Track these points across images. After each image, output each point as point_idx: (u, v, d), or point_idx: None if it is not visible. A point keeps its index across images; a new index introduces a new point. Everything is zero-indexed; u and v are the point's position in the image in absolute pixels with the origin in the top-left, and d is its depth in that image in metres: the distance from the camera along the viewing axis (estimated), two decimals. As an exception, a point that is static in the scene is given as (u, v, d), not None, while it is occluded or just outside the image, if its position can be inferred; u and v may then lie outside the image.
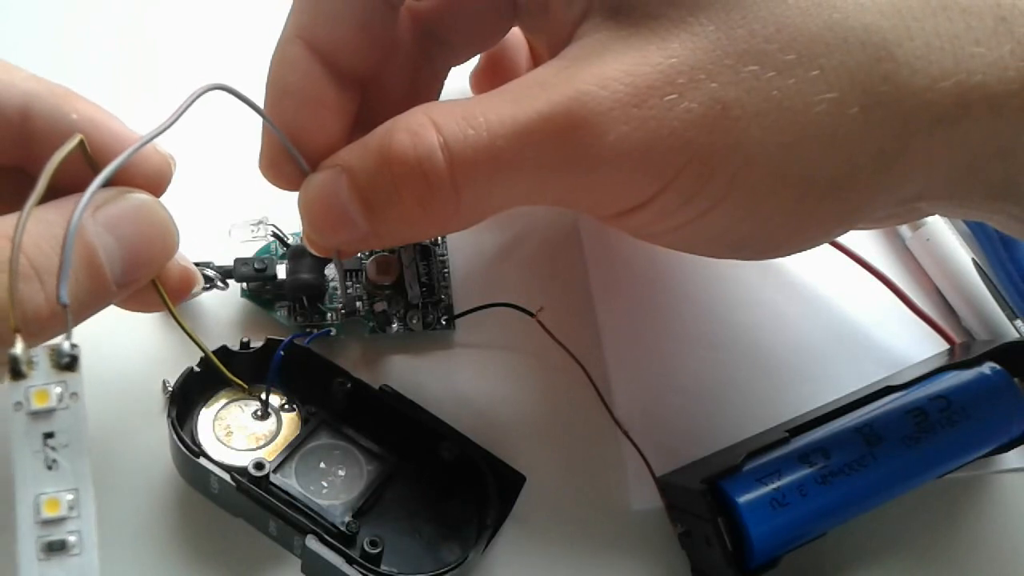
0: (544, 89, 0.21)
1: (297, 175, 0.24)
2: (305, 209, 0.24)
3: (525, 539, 0.29)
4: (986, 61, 0.20)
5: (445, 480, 0.28)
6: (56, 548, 0.19)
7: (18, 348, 0.18)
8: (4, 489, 0.26)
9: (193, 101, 0.21)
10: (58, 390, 0.19)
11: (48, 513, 0.19)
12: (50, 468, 0.19)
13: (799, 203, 0.22)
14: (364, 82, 0.26)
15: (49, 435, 0.19)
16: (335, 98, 0.24)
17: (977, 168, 0.21)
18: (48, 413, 0.19)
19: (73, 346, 0.19)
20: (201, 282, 0.25)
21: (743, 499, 0.26)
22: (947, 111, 0.20)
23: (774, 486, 0.26)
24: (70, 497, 0.19)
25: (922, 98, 0.20)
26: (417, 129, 0.21)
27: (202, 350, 0.25)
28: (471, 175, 0.21)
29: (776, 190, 0.21)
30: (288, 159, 0.24)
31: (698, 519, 0.27)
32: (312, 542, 0.24)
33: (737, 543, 0.26)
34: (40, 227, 0.19)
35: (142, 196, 0.21)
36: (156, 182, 0.22)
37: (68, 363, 0.19)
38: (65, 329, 0.20)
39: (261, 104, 0.24)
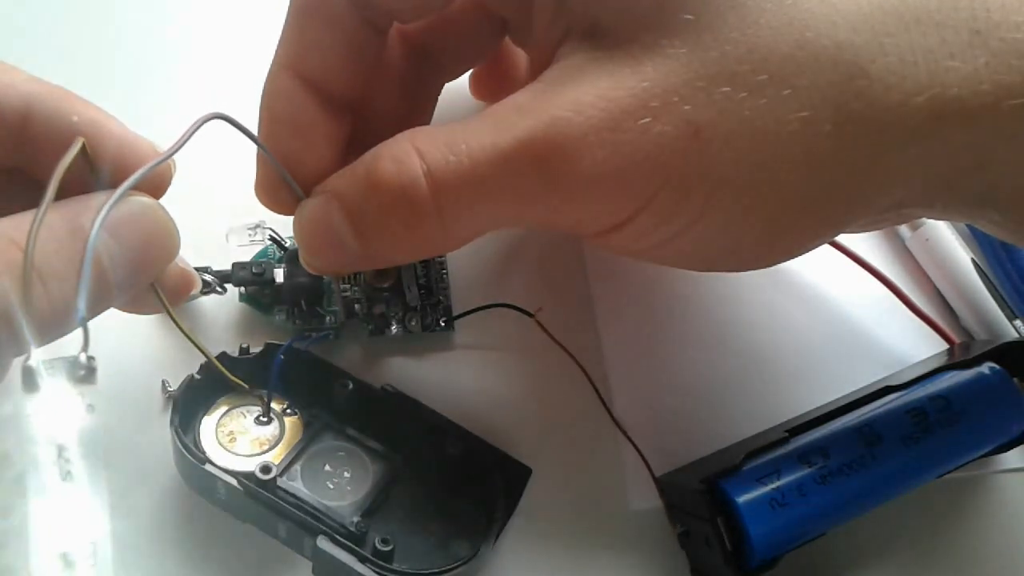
0: (522, 115, 0.21)
1: (292, 200, 0.25)
2: (299, 234, 0.24)
3: (524, 539, 0.29)
4: (961, 75, 0.20)
5: (451, 476, 0.28)
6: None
7: (34, 360, 0.18)
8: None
9: (195, 130, 0.21)
10: (74, 402, 0.19)
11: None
12: (64, 480, 0.19)
13: (775, 221, 0.22)
14: (356, 106, 0.26)
15: (63, 448, 0.19)
16: (326, 125, 0.25)
17: (955, 179, 0.22)
18: (62, 426, 0.19)
19: (90, 359, 0.19)
20: (199, 284, 0.25)
21: (742, 499, 0.26)
22: (922, 125, 0.20)
23: (773, 486, 0.26)
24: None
25: (896, 113, 0.20)
26: (401, 157, 0.22)
27: (200, 351, 0.25)
28: (454, 200, 0.22)
29: (751, 209, 0.21)
30: (283, 185, 0.24)
31: (697, 519, 0.27)
32: (324, 543, 0.24)
33: (736, 543, 0.26)
34: (42, 231, 0.19)
35: (144, 199, 0.21)
36: (156, 184, 0.22)
37: (84, 376, 0.19)
38: (63, 332, 0.20)
39: (255, 130, 0.24)
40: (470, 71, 0.32)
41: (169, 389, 0.28)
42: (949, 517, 0.31)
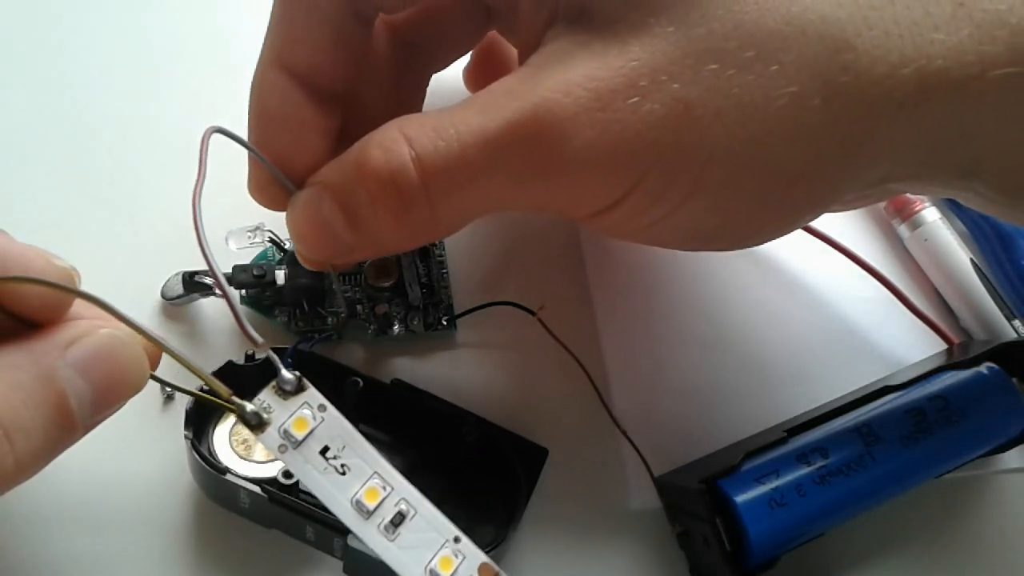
0: (510, 98, 0.21)
1: (286, 196, 0.25)
2: (293, 227, 0.24)
3: (523, 538, 0.29)
4: (946, 47, 0.20)
5: (468, 464, 0.28)
6: (397, 522, 0.21)
7: (249, 406, 0.21)
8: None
9: (207, 149, 0.22)
10: (307, 412, 0.21)
11: (370, 503, 0.21)
12: (344, 474, 0.21)
13: (766, 195, 0.22)
14: (345, 99, 0.26)
15: (324, 450, 0.21)
16: (315, 118, 0.25)
17: (941, 151, 0.22)
18: (311, 434, 0.21)
19: (293, 373, 0.21)
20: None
21: (741, 499, 0.26)
22: (908, 97, 0.20)
23: (772, 486, 0.26)
24: (376, 481, 0.21)
25: (883, 86, 0.20)
26: (389, 144, 0.22)
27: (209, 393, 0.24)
28: (443, 185, 0.22)
29: (742, 184, 0.22)
30: (275, 181, 0.25)
31: (696, 519, 0.27)
32: (355, 540, 0.24)
33: (735, 543, 0.26)
34: (7, 375, 0.17)
35: (114, 332, 0.20)
36: (48, 307, 0.20)
37: (297, 387, 0.21)
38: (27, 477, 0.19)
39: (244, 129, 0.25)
40: (459, 65, 0.32)
41: (167, 390, 0.28)
42: (948, 517, 0.31)
